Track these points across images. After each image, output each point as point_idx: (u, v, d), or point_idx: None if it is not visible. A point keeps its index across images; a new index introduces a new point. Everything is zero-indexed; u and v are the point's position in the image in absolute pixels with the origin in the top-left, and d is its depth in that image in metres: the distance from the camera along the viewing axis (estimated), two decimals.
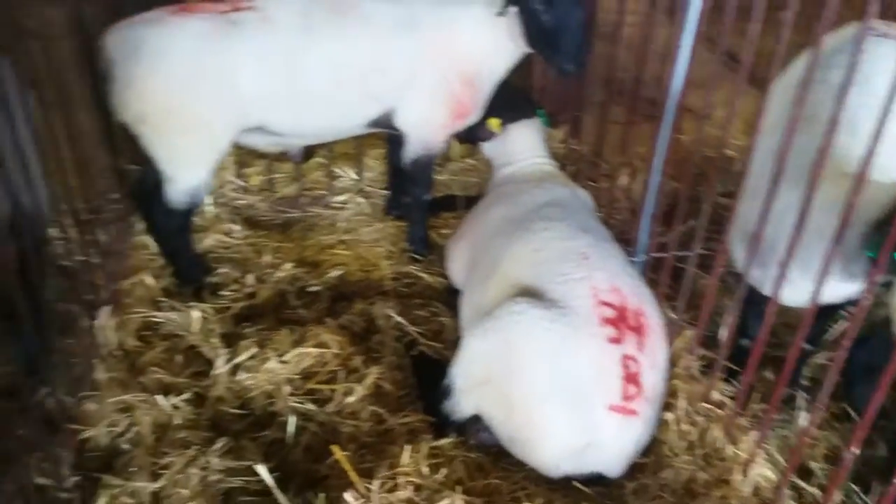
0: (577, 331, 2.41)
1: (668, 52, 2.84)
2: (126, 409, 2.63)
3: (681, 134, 3.33)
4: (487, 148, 3.50)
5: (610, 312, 2.45)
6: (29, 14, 2.81)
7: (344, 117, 3.19)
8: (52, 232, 2.89)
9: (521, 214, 2.97)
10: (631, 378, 2.37)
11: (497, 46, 3.14)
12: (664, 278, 3.00)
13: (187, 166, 3.00)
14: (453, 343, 3.05)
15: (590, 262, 2.60)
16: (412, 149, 3.34)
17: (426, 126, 3.28)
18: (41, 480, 2.22)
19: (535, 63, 4.16)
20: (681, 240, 2.96)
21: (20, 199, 2.40)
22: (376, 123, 3.26)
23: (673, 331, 2.86)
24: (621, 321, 2.43)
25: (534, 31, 2.95)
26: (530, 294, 2.53)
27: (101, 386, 2.70)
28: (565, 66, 2.93)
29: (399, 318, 3.18)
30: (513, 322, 2.43)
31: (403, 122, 3.24)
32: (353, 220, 3.93)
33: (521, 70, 3.46)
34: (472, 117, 3.32)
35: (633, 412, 2.36)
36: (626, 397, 2.35)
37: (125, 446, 2.52)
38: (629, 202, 3.93)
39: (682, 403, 2.70)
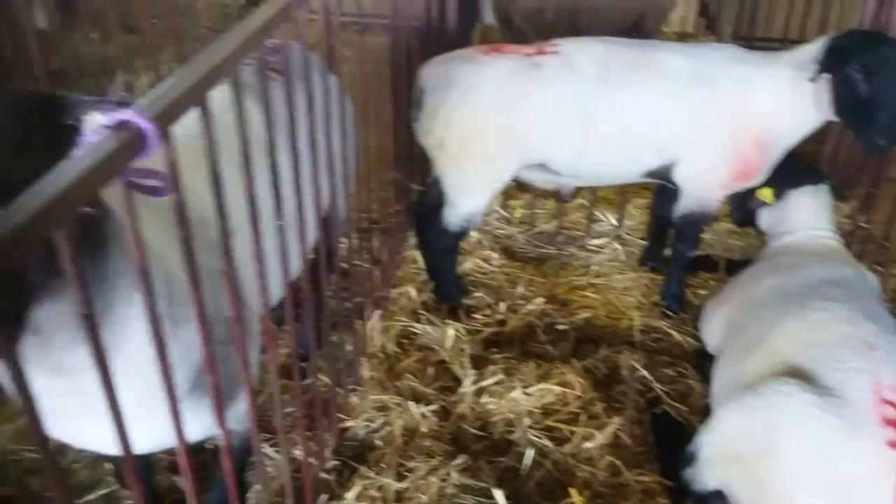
0: (853, 426, 2.19)
1: None
2: (382, 408, 2.85)
3: None
4: (764, 214, 3.32)
5: (894, 413, 2.20)
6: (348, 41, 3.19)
7: (625, 164, 3.21)
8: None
9: (796, 289, 2.77)
10: None
11: (798, 111, 2.99)
12: None
13: (470, 193, 3.20)
14: (699, 409, 2.93)
15: (875, 355, 2.35)
16: (686, 204, 3.27)
17: (705, 183, 3.20)
18: (306, 458, 2.47)
19: (830, 131, 3.88)
20: None
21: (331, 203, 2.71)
22: (653, 174, 3.24)
23: None
24: None
25: (847, 100, 2.77)
26: (800, 376, 2.35)
27: (364, 382, 2.96)
28: (877, 140, 2.71)
29: (644, 372, 3.11)
30: (780, 403, 2.27)
31: (682, 176, 3.19)
32: (606, 265, 3.92)
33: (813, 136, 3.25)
34: (756, 180, 3.17)
35: None
36: None
37: (378, 442, 2.73)
38: None
39: None
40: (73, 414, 1.63)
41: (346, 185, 2.72)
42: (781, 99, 2.99)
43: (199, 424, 1.73)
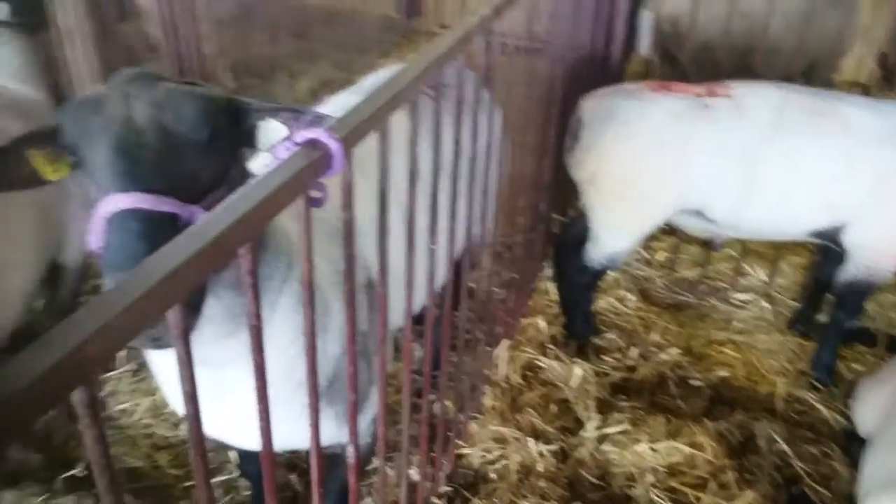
0: None
1: None
2: (500, 440, 2.80)
3: None
4: None
5: None
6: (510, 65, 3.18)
7: (789, 220, 3.01)
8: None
9: None
10: None
11: None
12: None
13: (617, 232, 3.10)
14: (844, 497, 2.69)
15: None
16: (852, 270, 3.03)
17: (878, 250, 2.95)
18: (419, 478, 2.45)
19: None
20: None
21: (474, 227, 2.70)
22: (819, 234, 3.02)
23: None
24: None
25: None
26: None
27: (485, 411, 2.92)
28: None
29: (784, 446, 2.89)
30: None
31: (852, 241, 2.95)
32: (750, 323, 3.70)
33: None
34: None
35: None
36: None
37: (492, 475, 2.68)
38: None
39: None
40: (211, 404, 1.69)
41: (489, 210, 2.70)
42: None
43: (324, 432, 1.75)
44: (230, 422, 1.71)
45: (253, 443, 1.87)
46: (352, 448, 1.66)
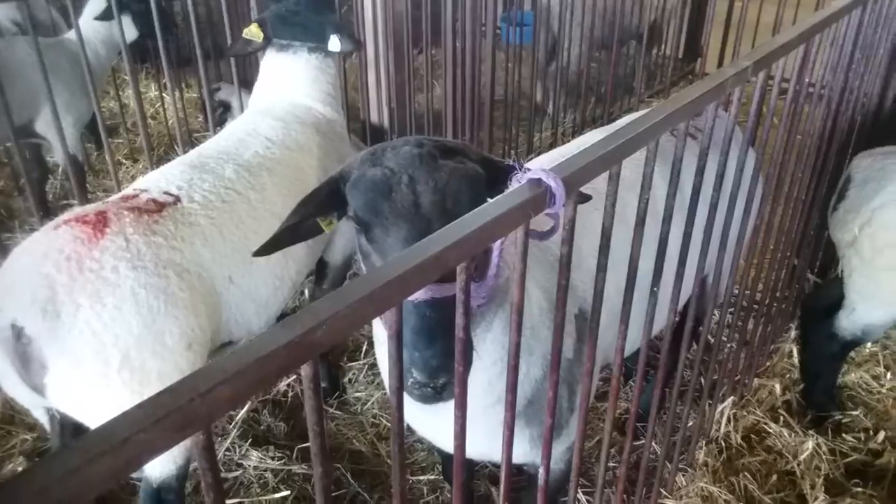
0: None
1: None
2: (708, 498, 2.69)
3: None
4: None
5: None
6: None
7: None
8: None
9: None
10: None
11: None
12: None
13: (875, 303, 2.84)
14: None
15: None
16: None
17: None
18: None
19: None
20: None
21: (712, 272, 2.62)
22: None
23: None
24: None
25: None
26: None
27: (697, 465, 2.81)
28: None
29: None
30: None
31: None
32: None
33: None
34: None
35: None
36: None
37: None
38: None
39: None
40: (426, 408, 1.86)
41: (732, 261, 2.60)
42: None
43: (517, 450, 1.84)
44: (440, 426, 1.87)
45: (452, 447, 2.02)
46: (542, 470, 1.74)
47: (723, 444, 2.95)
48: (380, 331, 1.78)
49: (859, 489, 2.77)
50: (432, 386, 1.41)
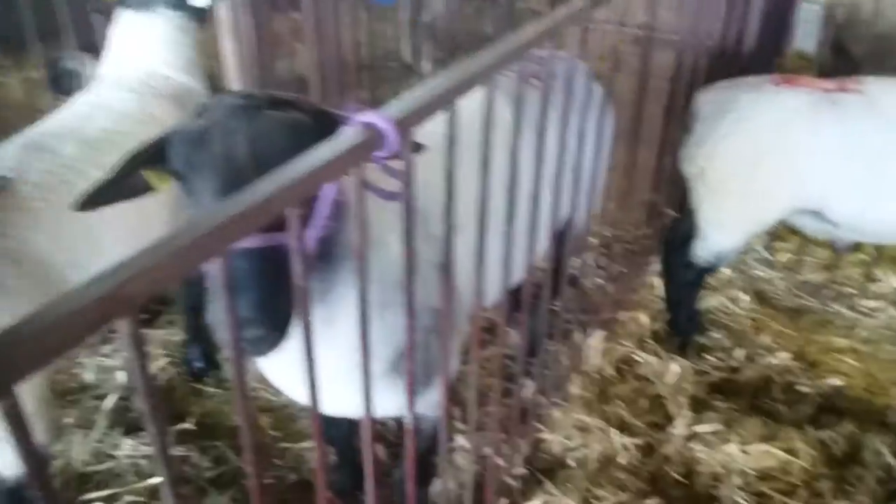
0: None
1: None
2: (584, 428, 2.82)
3: None
4: None
5: None
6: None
7: None
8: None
9: None
10: None
11: None
12: None
13: (724, 230, 3.01)
14: None
15: None
16: None
17: None
18: (498, 458, 2.53)
19: None
20: None
21: (577, 213, 2.72)
22: None
23: None
24: None
25: None
26: None
27: (571, 399, 2.94)
28: None
29: (892, 460, 2.71)
30: None
31: None
32: (876, 332, 3.47)
33: None
34: None
35: None
36: None
37: (571, 462, 2.71)
38: None
39: None
40: (295, 373, 1.85)
41: (589, 200, 2.70)
42: None
43: (393, 402, 1.86)
44: (295, 383, 1.86)
45: (330, 408, 2.02)
46: (410, 416, 1.77)
47: (596, 376, 3.09)
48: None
49: (721, 404, 2.97)
50: (249, 338, 1.39)
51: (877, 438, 2.80)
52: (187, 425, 2.89)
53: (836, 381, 3.16)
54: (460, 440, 2.73)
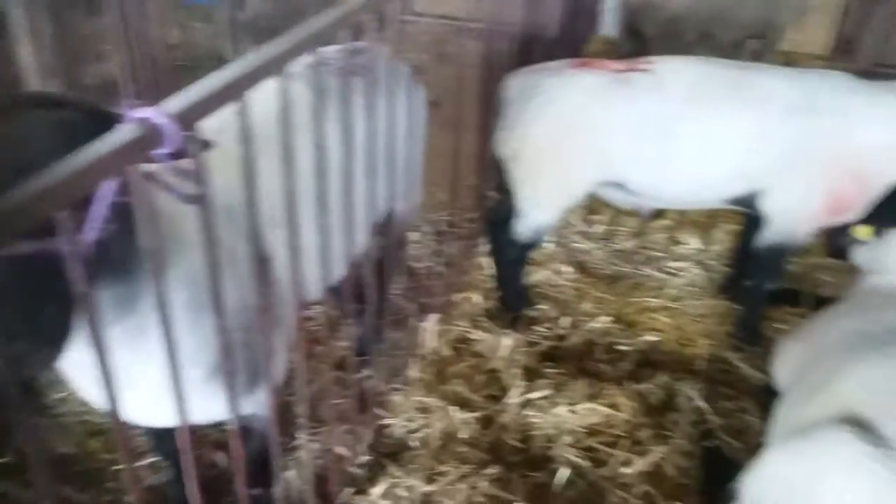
0: None
1: None
2: (424, 409, 2.89)
3: None
4: (859, 252, 3.10)
5: None
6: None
7: (705, 190, 3.09)
8: (412, 235, 3.29)
9: (878, 333, 2.57)
10: None
11: None
12: None
13: (540, 206, 3.18)
14: (756, 447, 2.78)
15: None
16: (769, 235, 3.12)
17: (793, 215, 3.04)
18: (341, 449, 2.54)
19: None
20: None
21: (397, 203, 2.77)
22: (736, 202, 3.11)
23: None
24: None
25: None
26: (860, 425, 2.19)
27: (411, 382, 3.00)
28: None
29: (702, 403, 2.99)
30: (830, 451, 2.11)
31: (768, 207, 3.04)
32: (683, 290, 3.79)
33: None
34: (850, 216, 2.97)
35: None
36: None
37: (414, 443, 2.77)
38: None
39: None
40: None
41: (408, 188, 2.76)
42: (890, 132, 2.79)
43: (221, 406, 1.82)
44: (125, 402, 1.78)
45: (153, 420, 1.95)
46: (234, 418, 1.74)
47: (434, 358, 3.17)
48: None
49: (551, 370, 3.14)
50: (18, 354, 1.29)
51: (688, 385, 3.07)
52: (5, 460, 2.68)
53: (651, 338, 3.43)
54: (303, 436, 2.71)
